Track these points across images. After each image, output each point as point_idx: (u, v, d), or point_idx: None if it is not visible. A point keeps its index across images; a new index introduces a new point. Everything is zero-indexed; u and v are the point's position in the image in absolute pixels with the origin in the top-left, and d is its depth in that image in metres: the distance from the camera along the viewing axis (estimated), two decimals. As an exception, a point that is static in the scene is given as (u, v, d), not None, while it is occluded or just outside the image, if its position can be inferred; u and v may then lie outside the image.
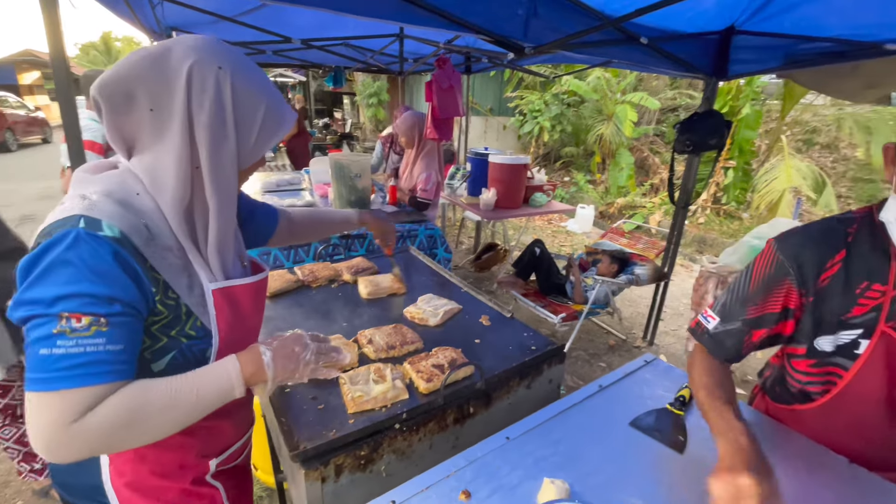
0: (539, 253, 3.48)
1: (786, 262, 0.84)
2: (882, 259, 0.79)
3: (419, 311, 1.28)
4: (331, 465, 0.80)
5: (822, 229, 0.84)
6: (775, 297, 0.86)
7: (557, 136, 8.36)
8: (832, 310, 0.83)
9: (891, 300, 0.78)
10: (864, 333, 0.81)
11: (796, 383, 0.93)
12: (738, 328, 0.89)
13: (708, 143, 2.61)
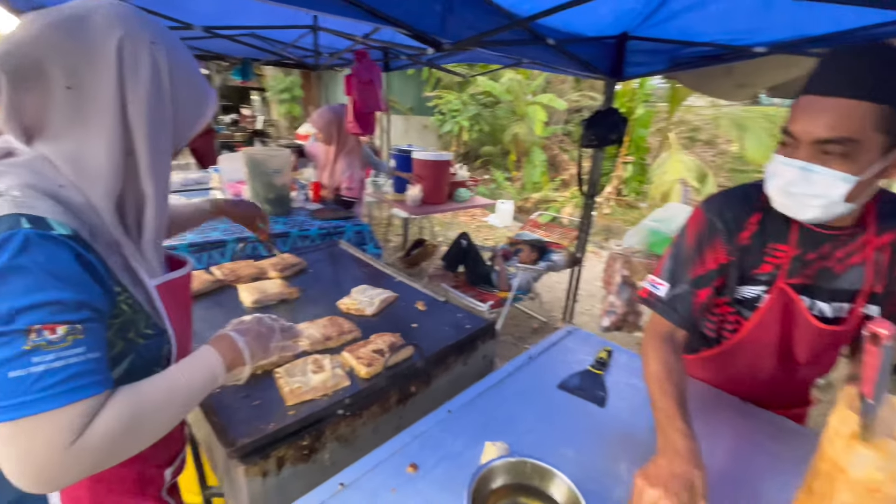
0: (466, 245, 3.60)
1: (714, 220, 0.91)
2: (784, 223, 0.88)
3: (354, 302, 1.27)
4: (272, 459, 0.78)
5: (740, 193, 0.93)
6: (710, 255, 0.92)
7: (476, 135, 8.64)
8: (746, 266, 0.91)
9: (790, 260, 0.88)
10: (766, 289, 0.91)
11: (709, 331, 1.05)
12: (686, 290, 0.92)
13: (609, 137, 2.88)
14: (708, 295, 0.93)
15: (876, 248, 0.85)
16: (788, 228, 0.88)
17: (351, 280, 1.48)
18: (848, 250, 0.86)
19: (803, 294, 0.89)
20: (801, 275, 0.89)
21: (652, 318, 0.96)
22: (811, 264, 0.88)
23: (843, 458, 0.65)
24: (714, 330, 1.03)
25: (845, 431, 0.64)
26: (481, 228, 6.61)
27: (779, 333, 0.94)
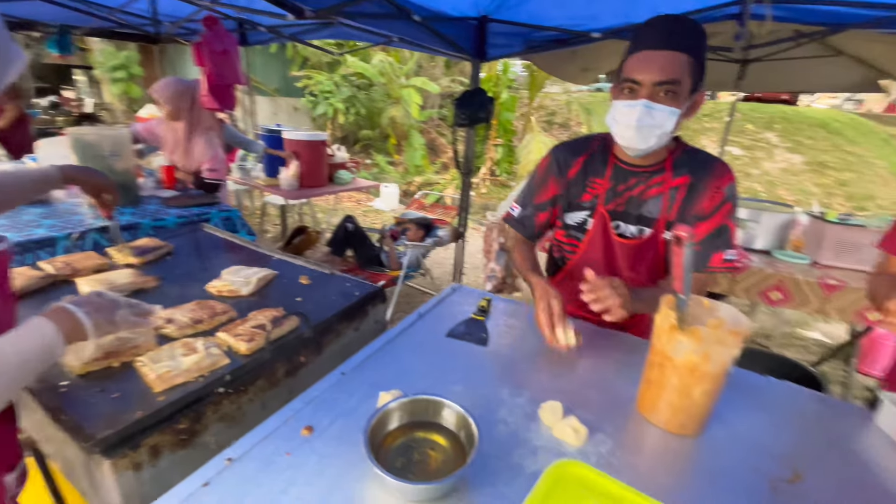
0: (352, 228, 3.52)
1: (553, 161, 1.20)
2: (602, 163, 1.15)
3: (227, 284, 1.17)
4: (143, 448, 0.70)
5: (577, 141, 1.21)
6: (549, 187, 1.21)
7: (353, 118, 8.40)
8: (573, 195, 1.19)
9: (605, 190, 1.15)
10: (590, 214, 1.18)
11: (557, 252, 1.31)
12: (531, 212, 1.25)
13: (479, 116, 3.05)
14: (546, 217, 1.25)
15: (671, 186, 1.10)
16: (605, 167, 1.15)
17: (221, 264, 1.35)
18: (649, 184, 1.11)
19: (616, 219, 1.16)
20: (613, 202, 1.15)
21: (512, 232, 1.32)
22: (622, 194, 1.14)
23: (668, 347, 0.81)
24: (559, 254, 1.31)
25: (666, 326, 0.80)
26: (368, 213, 6.52)
27: (602, 250, 1.20)
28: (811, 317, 3.85)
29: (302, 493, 0.66)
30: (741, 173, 8.65)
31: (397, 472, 0.69)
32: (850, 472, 0.78)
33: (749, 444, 0.82)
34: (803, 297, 2.09)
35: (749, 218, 2.41)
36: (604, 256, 1.19)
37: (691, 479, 0.75)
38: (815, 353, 3.28)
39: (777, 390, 1.00)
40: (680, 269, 0.64)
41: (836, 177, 8.48)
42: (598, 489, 0.53)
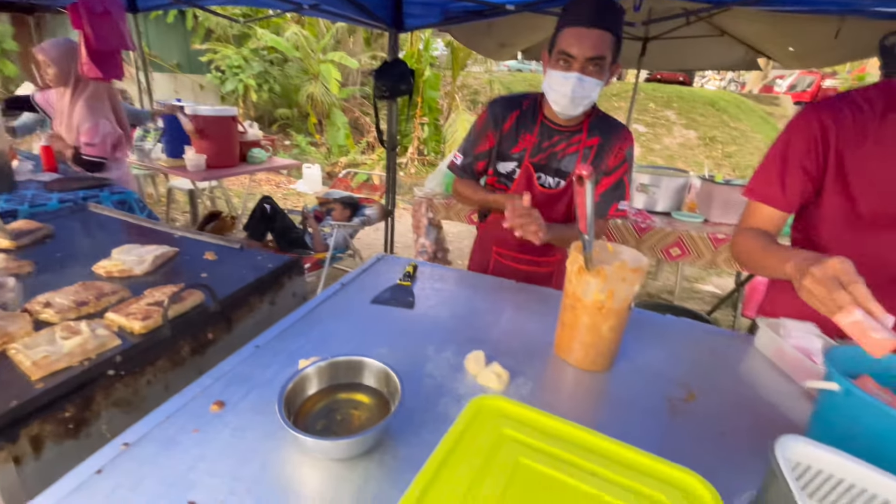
0: (270, 210, 3.32)
1: (490, 115, 1.29)
2: (532, 120, 1.27)
3: (117, 264, 1.04)
4: (23, 440, 0.60)
5: (511, 98, 1.30)
6: (486, 138, 1.32)
7: (266, 95, 7.85)
8: (506, 146, 1.30)
9: (532, 145, 1.27)
10: (518, 164, 1.30)
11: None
12: (471, 160, 1.37)
13: (400, 88, 2.98)
14: (484, 165, 1.38)
15: (586, 145, 1.25)
16: (534, 124, 1.26)
17: (113, 243, 1.20)
18: (569, 143, 1.25)
19: (539, 171, 1.29)
20: (538, 156, 1.27)
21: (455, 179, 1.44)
22: (545, 150, 1.26)
23: (577, 289, 0.85)
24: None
25: (575, 268, 0.84)
26: (289, 196, 6.19)
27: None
28: (705, 271, 4.34)
29: (212, 468, 0.61)
30: (645, 149, 9.42)
31: (318, 434, 0.66)
32: (735, 387, 0.88)
33: (651, 374, 0.90)
34: (698, 250, 2.34)
35: (651, 183, 2.62)
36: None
37: (603, 408, 0.80)
38: (709, 303, 3.70)
39: (675, 326, 1.10)
40: (583, 207, 0.67)
41: (724, 150, 9.53)
42: (515, 416, 0.54)
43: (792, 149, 0.96)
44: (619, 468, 0.49)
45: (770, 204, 1.00)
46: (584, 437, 0.53)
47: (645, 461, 0.50)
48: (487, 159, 1.36)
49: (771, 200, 0.99)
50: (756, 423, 0.79)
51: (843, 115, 0.90)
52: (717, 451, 0.71)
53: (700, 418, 0.78)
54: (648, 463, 0.50)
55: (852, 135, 0.90)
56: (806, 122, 0.94)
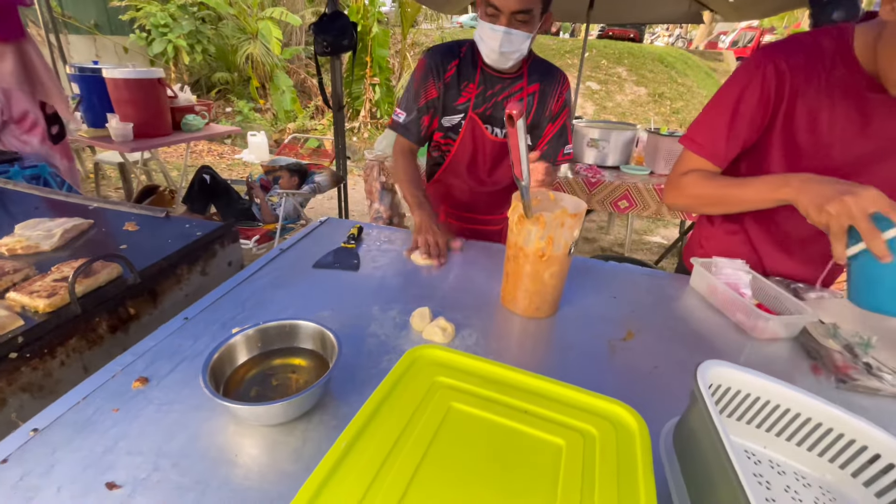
0: (211, 181, 3.11)
1: (430, 64, 1.22)
2: (473, 68, 1.22)
3: (21, 240, 0.93)
4: None
5: (448, 46, 1.24)
6: (429, 90, 1.24)
7: (200, 57, 7.23)
8: (450, 98, 1.25)
9: (475, 95, 1.23)
10: (463, 117, 1.26)
11: (437, 152, 1.39)
12: (416, 116, 1.26)
13: (342, 43, 2.80)
14: (429, 120, 1.28)
15: (528, 92, 1.23)
16: (475, 72, 1.21)
17: (16, 219, 1.08)
18: (512, 90, 1.23)
19: (486, 122, 1.26)
20: (483, 106, 1.24)
21: (397, 140, 1.31)
22: (489, 99, 1.23)
23: (519, 239, 0.84)
24: (439, 154, 1.39)
25: (515, 218, 0.83)
26: (234, 167, 5.85)
27: (471, 151, 1.30)
28: (653, 223, 4.53)
29: (134, 446, 0.57)
30: (599, 106, 9.51)
31: (251, 400, 0.63)
32: (672, 324, 0.92)
33: (593, 317, 0.92)
34: (644, 202, 2.41)
35: (601, 138, 2.65)
36: (473, 156, 1.31)
37: (547, 353, 0.82)
38: (657, 253, 3.88)
39: (617, 272, 1.13)
40: (517, 150, 0.65)
41: (671, 105, 9.78)
42: (450, 364, 0.53)
43: (744, 101, 0.90)
44: (551, 405, 0.49)
45: (710, 159, 0.97)
46: (518, 378, 0.53)
47: (577, 396, 0.51)
48: (433, 113, 1.28)
49: (712, 156, 0.96)
50: (688, 356, 0.82)
51: (797, 59, 0.86)
52: (651, 384, 0.74)
53: (637, 355, 0.81)
54: (580, 397, 0.51)
55: (803, 80, 0.86)
56: (761, 69, 0.88)
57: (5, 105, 2.00)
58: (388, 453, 0.42)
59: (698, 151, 0.98)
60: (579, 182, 2.46)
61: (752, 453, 0.59)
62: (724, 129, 0.94)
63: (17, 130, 2.06)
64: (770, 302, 0.97)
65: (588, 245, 4.00)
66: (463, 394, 0.50)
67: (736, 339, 0.90)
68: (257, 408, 0.58)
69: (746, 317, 0.91)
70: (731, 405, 0.58)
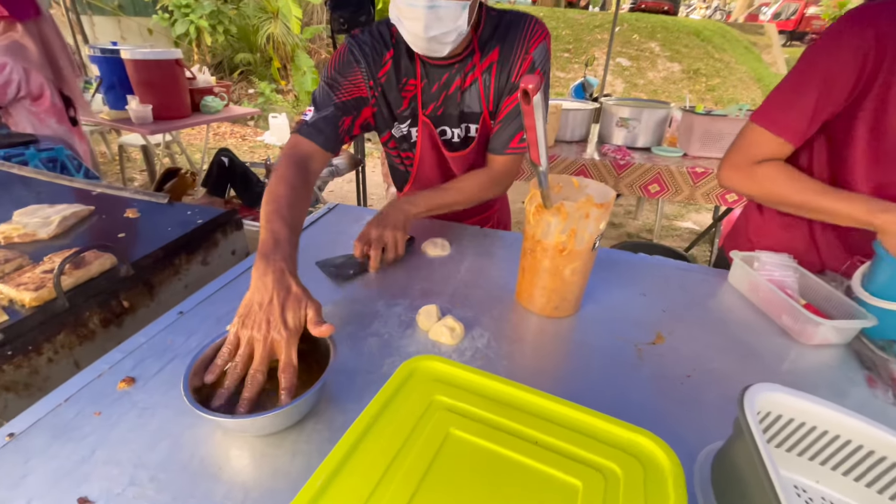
0: (229, 163, 3.10)
1: (354, 52, 0.91)
2: (411, 59, 0.92)
3: (19, 227, 0.91)
4: None
5: (376, 31, 0.93)
6: (351, 83, 0.92)
7: (222, 38, 7.22)
8: (390, 103, 0.96)
9: (421, 90, 0.93)
10: (412, 123, 0.98)
11: (400, 164, 1.13)
12: (332, 113, 0.91)
13: (358, 19, 2.70)
14: (350, 122, 0.94)
15: (482, 69, 0.93)
16: (414, 64, 0.93)
17: (19, 205, 1.06)
18: (464, 76, 0.93)
19: (441, 125, 0.99)
20: (432, 105, 0.96)
21: (292, 147, 0.90)
22: (438, 95, 0.95)
23: (537, 230, 0.76)
24: (402, 166, 1.14)
25: (533, 207, 0.75)
26: (256, 149, 5.86)
27: (437, 162, 1.06)
28: (684, 207, 4.32)
29: (112, 455, 0.53)
30: (629, 84, 9.10)
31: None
32: (706, 326, 0.83)
33: (618, 317, 0.83)
34: (677, 186, 2.26)
35: (632, 117, 2.49)
36: (440, 167, 1.07)
37: (566, 357, 0.74)
38: (687, 239, 3.70)
39: (646, 265, 1.03)
40: (533, 131, 0.56)
41: (707, 83, 9.26)
42: (451, 380, 0.47)
43: (834, 73, 0.76)
44: (567, 434, 0.42)
45: (789, 140, 0.83)
46: (529, 400, 0.45)
47: (598, 423, 0.43)
48: (355, 114, 0.95)
49: (792, 137, 0.83)
50: (725, 363, 0.73)
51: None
52: (683, 395, 0.66)
53: (667, 361, 0.73)
54: (601, 426, 0.43)
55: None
56: (856, 34, 0.73)
57: (24, 79, 2.00)
58: (374, 489, 0.36)
59: (778, 132, 0.84)
60: (606, 164, 2.32)
61: (802, 489, 0.50)
62: (810, 106, 0.80)
63: (33, 107, 2.07)
64: (820, 303, 0.87)
65: (614, 230, 3.84)
66: (464, 418, 0.43)
67: (780, 344, 0.80)
68: (243, 420, 0.52)
69: (793, 320, 0.81)
70: (781, 434, 0.49)
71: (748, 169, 0.89)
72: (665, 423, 0.60)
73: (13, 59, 1.96)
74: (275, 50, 7.33)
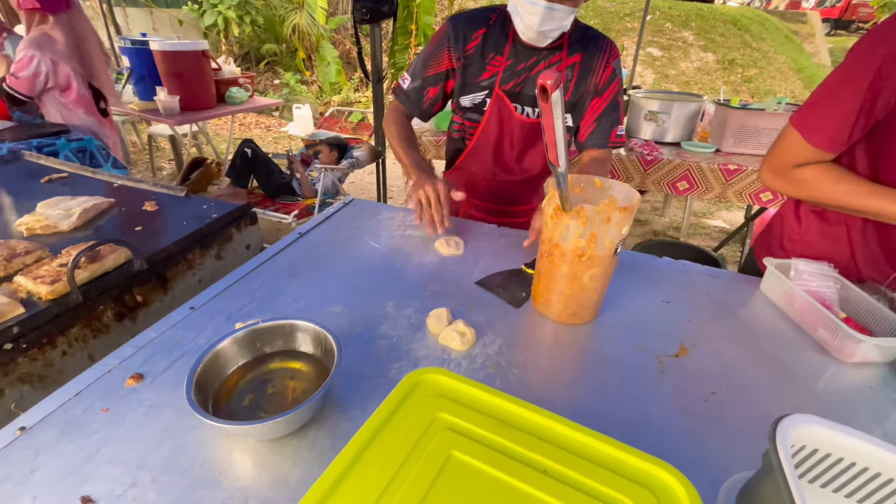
0: (252, 154, 3.14)
1: (449, 31, 1.07)
2: (503, 38, 1.05)
3: (41, 219, 0.93)
4: None
5: (475, 13, 1.08)
6: (441, 59, 1.10)
7: (249, 28, 7.30)
8: (471, 74, 1.09)
9: (503, 69, 1.06)
10: (489, 94, 1.10)
11: (458, 141, 1.24)
12: (420, 84, 1.13)
13: (381, 10, 2.67)
14: (436, 93, 1.14)
15: (567, 64, 1.06)
16: (506, 43, 1.04)
17: (41, 196, 1.08)
18: (548, 64, 1.05)
19: (515, 101, 1.09)
20: (511, 82, 1.07)
21: (395, 108, 1.19)
22: (520, 74, 1.05)
23: (554, 234, 0.72)
24: (460, 138, 1.24)
25: (551, 209, 0.71)
26: (280, 139, 5.93)
27: (498, 132, 1.14)
28: (714, 205, 4.15)
29: (117, 454, 0.53)
30: (659, 75, 8.79)
31: (244, 410, 0.57)
32: (735, 337, 0.78)
33: (639, 326, 0.79)
34: (707, 183, 2.16)
35: (661, 110, 2.39)
36: (499, 140, 1.15)
37: (581, 369, 0.70)
38: (717, 238, 3.56)
39: (671, 269, 0.98)
40: (551, 131, 0.52)
41: (743, 73, 8.86)
42: (455, 396, 0.44)
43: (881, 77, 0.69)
44: (577, 463, 0.39)
45: (827, 150, 0.78)
46: (538, 422, 0.43)
47: (612, 452, 0.40)
48: (442, 86, 1.13)
49: (830, 145, 0.77)
50: (754, 380, 0.69)
51: None
52: (707, 415, 0.62)
53: (691, 376, 0.69)
54: (616, 455, 0.40)
55: None
56: None
57: (51, 71, 2.05)
58: (369, 513, 0.34)
59: (816, 143, 0.78)
60: (633, 160, 2.24)
61: (839, 527, 0.46)
62: (853, 113, 0.73)
63: (62, 98, 2.12)
64: (862, 316, 0.80)
65: (639, 228, 3.73)
66: (467, 439, 0.41)
67: (815, 360, 0.75)
68: (244, 427, 0.51)
69: (831, 335, 0.75)
70: (816, 469, 0.45)
71: (787, 173, 0.83)
72: (686, 446, 0.57)
73: (41, 52, 2.01)
74: (300, 40, 7.37)
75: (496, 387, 0.65)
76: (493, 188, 1.26)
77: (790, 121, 0.82)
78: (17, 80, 1.98)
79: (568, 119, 1.12)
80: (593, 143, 1.14)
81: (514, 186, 1.26)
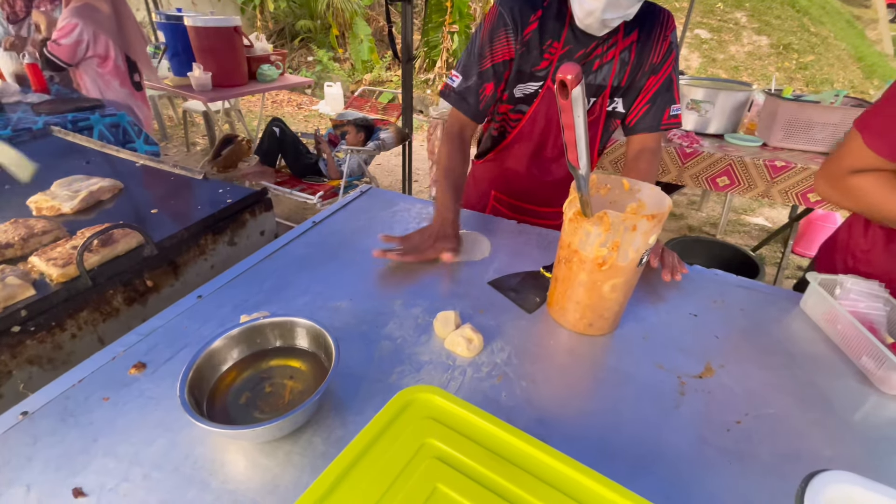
0: (280, 133, 3.15)
1: (504, 14, 0.95)
2: (559, 23, 0.95)
3: (48, 198, 0.93)
4: None
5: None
6: (499, 49, 0.97)
7: (284, 4, 7.29)
8: (528, 62, 0.99)
9: (558, 57, 0.97)
10: (541, 85, 1.00)
11: (498, 126, 1.14)
12: (475, 82, 0.99)
13: (413, -14, 2.58)
14: (493, 88, 1.00)
15: (622, 48, 0.96)
16: (562, 27, 0.95)
17: (65, 173, 1.09)
18: (605, 48, 0.96)
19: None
20: None
21: (449, 116, 1.05)
22: (580, 60, 0.97)
23: (574, 240, 0.67)
24: (498, 129, 1.14)
25: (571, 213, 0.66)
26: (311, 118, 5.96)
27: (541, 130, 1.06)
28: (756, 200, 3.92)
29: (111, 447, 0.53)
30: (706, 59, 8.30)
31: (240, 408, 0.56)
32: (768, 359, 0.72)
33: (661, 341, 0.73)
34: (750, 180, 2.02)
35: (705, 99, 2.23)
36: (542, 136, 1.07)
37: (595, 385, 0.66)
38: (757, 237, 3.37)
39: (701, 278, 0.91)
40: (571, 129, 0.47)
41: (798, 60, 8.25)
42: (448, 420, 0.41)
43: None
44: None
45: (891, 159, 0.71)
46: (535, 456, 0.39)
47: (610, 496, 0.36)
48: (498, 80, 1.00)
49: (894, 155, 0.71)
50: (785, 408, 0.63)
51: None
52: (730, 446, 0.57)
53: (715, 400, 0.63)
54: (614, 499, 0.36)
55: None
56: None
57: (92, 40, 2.09)
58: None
59: (879, 150, 0.71)
60: (671, 152, 2.11)
61: None
62: None
63: (99, 69, 2.17)
64: (916, 344, 0.72)
65: (674, 223, 3.57)
66: (456, 471, 0.37)
67: (855, 389, 0.68)
68: (235, 430, 0.50)
69: (875, 363, 0.68)
70: (853, 530, 0.40)
71: (842, 180, 0.75)
72: (703, 482, 0.52)
73: (83, 21, 2.05)
74: (333, 17, 7.31)
75: (501, 400, 0.62)
76: (525, 186, 1.18)
77: (854, 123, 0.73)
78: (59, 48, 2.02)
79: (618, 104, 1.02)
80: (644, 127, 1.03)
81: (548, 188, 1.17)
